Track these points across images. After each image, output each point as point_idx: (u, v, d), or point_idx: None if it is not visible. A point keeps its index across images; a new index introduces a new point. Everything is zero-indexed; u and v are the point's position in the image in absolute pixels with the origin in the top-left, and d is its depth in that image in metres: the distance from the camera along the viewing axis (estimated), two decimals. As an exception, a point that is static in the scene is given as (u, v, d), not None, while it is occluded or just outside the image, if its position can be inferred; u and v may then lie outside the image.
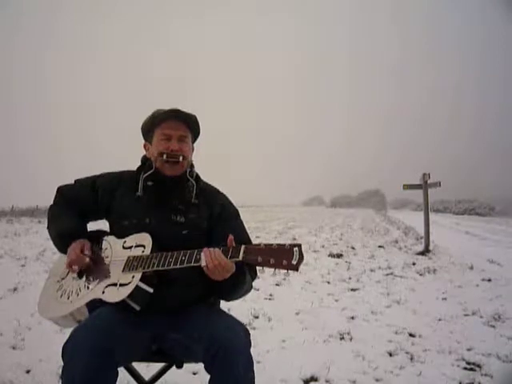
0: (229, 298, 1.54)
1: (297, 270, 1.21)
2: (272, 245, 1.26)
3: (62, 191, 1.67)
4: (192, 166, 1.65)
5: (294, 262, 1.20)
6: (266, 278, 5.26)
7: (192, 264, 1.34)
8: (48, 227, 1.62)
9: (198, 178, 1.65)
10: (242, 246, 1.30)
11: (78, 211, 1.61)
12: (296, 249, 1.23)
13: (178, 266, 1.35)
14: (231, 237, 1.34)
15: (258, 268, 1.49)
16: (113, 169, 1.72)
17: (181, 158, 1.55)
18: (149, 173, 1.57)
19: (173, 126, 1.56)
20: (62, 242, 1.53)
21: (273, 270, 1.25)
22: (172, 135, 1.56)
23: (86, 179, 1.66)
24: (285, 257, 1.22)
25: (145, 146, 1.66)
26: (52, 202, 1.67)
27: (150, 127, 1.60)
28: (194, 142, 1.66)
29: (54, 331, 2.99)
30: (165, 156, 1.54)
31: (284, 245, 1.25)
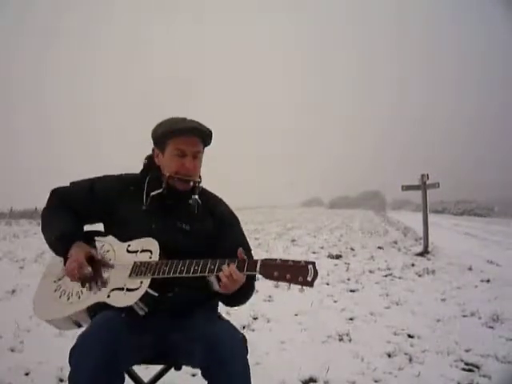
0: (235, 305, 1.57)
1: (312, 286, 1.29)
2: (288, 261, 1.33)
3: (56, 193, 1.63)
4: (199, 178, 1.64)
5: (309, 279, 1.28)
6: (264, 279, 5.26)
7: (206, 274, 1.37)
8: (42, 230, 1.58)
9: (202, 189, 1.65)
10: (259, 261, 1.34)
11: (74, 214, 1.58)
12: (311, 266, 1.30)
13: (191, 275, 1.37)
14: (241, 249, 1.38)
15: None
16: (112, 171, 1.70)
17: (191, 184, 1.55)
18: (157, 192, 1.55)
19: (189, 142, 1.53)
20: (59, 245, 1.50)
21: (288, 284, 1.31)
22: (187, 152, 1.53)
23: (84, 182, 1.64)
24: (301, 273, 1.29)
25: (153, 151, 1.63)
26: (45, 205, 1.63)
27: (164, 137, 1.55)
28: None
29: (52, 334, 2.99)
30: (176, 179, 1.54)
31: (300, 261, 1.32)
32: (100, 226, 1.66)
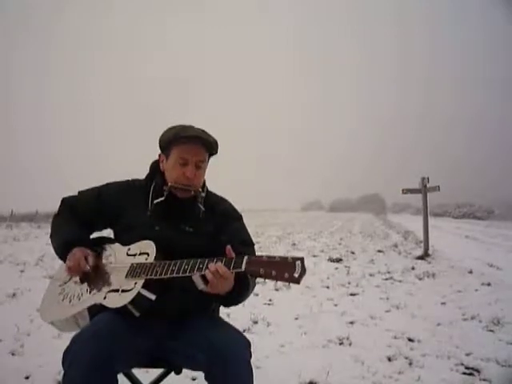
0: (233, 305, 1.56)
1: (298, 283, 1.21)
2: (275, 257, 1.27)
3: (65, 202, 1.67)
4: (204, 184, 1.65)
5: (296, 275, 1.21)
6: (265, 283, 5.26)
7: (195, 273, 1.35)
8: (51, 237, 1.62)
9: (206, 192, 1.66)
10: (245, 257, 1.30)
11: (82, 222, 1.62)
12: (298, 262, 1.23)
13: (180, 275, 1.36)
14: (229, 247, 1.35)
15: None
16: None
17: (192, 192, 1.57)
18: (160, 200, 1.57)
19: (192, 151, 1.55)
20: (64, 250, 1.53)
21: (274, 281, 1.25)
22: (190, 161, 1.55)
23: (90, 190, 1.67)
24: (287, 270, 1.22)
25: (159, 157, 1.65)
26: (55, 213, 1.68)
27: (169, 144, 1.58)
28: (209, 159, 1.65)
29: (53, 337, 2.99)
30: (173, 188, 1.55)
31: (287, 258, 1.25)
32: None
